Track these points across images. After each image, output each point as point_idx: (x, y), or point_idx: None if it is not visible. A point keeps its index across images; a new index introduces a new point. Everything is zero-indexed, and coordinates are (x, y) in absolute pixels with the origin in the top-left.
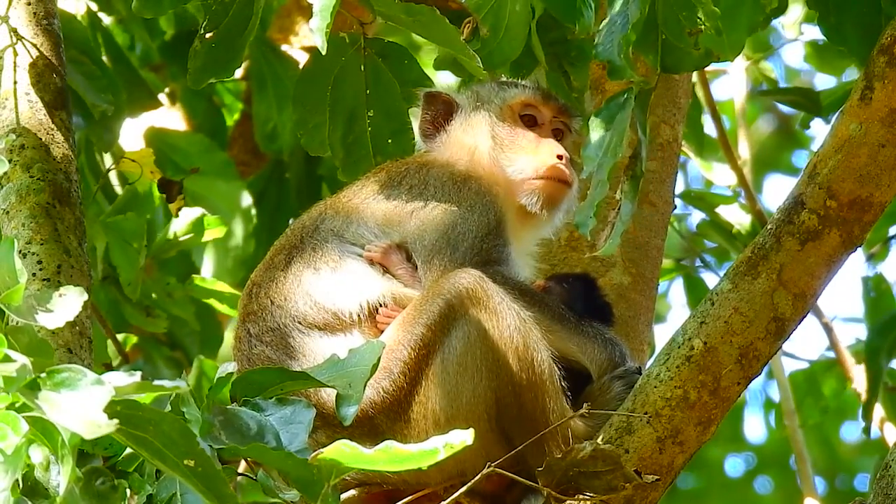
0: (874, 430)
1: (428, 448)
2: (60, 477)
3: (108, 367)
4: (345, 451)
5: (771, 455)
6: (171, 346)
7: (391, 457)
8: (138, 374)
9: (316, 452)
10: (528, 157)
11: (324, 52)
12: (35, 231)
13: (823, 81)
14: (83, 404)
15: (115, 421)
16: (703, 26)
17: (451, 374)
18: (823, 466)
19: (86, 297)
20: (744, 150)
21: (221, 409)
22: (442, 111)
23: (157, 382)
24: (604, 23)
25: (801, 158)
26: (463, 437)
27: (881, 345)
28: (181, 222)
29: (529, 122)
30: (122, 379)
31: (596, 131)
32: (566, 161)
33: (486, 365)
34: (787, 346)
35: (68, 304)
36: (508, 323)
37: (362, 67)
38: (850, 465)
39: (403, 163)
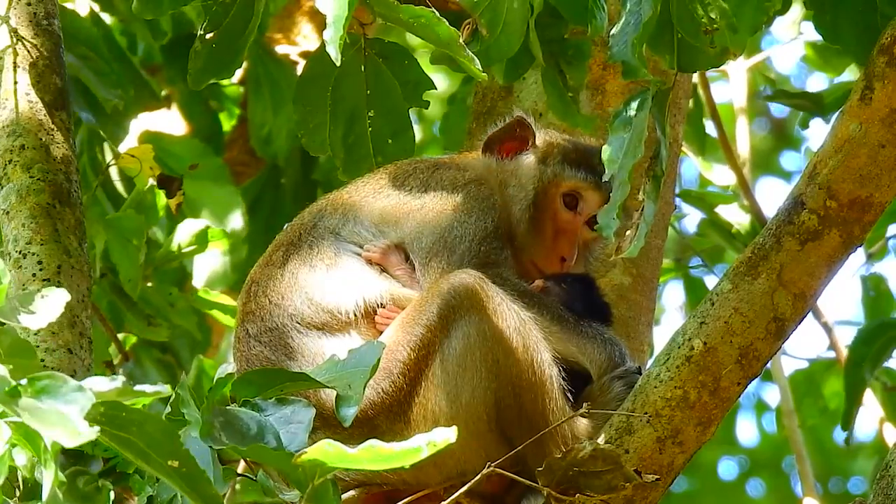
0: (875, 430)
1: (411, 446)
2: (44, 481)
3: (109, 366)
4: (328, 451)
5: (764, 458)
6: (162, 350)
7: (374, 455)
8: (120, 379)
9: (299, 452)
10: (539, 242)
11: (338, 64)
12: (35, 231)
13: (815, 86)
14: (64, 412)
15: (97, 428)
16: (710, 27)
17: (451, 375)
18: (817, 469)
19: (69, 297)
20: (743, 151)
21: (221, 410)
22: (517, 141)
23: (138, 388)
24: (617, 26)
25: (790, 161)
26: (446, 435)
27: (865, 354)
28: (184, 233)
29: (570, 204)
30: (103, 384)
31: (616, 133)
32: (568, 262)
33: (486, 366)
34: (786, 346)
35: (50, 304)
36: (508, 324)
37: (363, 68)
38: (843, 468)
39: (414, 161)
